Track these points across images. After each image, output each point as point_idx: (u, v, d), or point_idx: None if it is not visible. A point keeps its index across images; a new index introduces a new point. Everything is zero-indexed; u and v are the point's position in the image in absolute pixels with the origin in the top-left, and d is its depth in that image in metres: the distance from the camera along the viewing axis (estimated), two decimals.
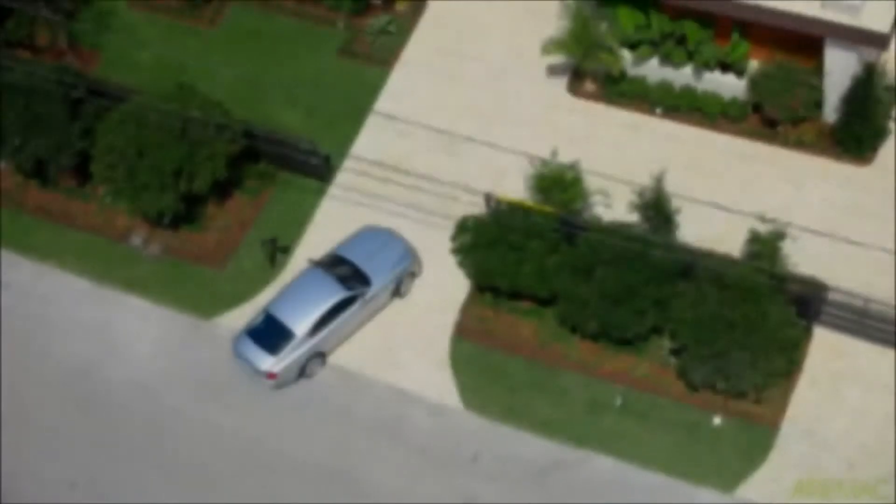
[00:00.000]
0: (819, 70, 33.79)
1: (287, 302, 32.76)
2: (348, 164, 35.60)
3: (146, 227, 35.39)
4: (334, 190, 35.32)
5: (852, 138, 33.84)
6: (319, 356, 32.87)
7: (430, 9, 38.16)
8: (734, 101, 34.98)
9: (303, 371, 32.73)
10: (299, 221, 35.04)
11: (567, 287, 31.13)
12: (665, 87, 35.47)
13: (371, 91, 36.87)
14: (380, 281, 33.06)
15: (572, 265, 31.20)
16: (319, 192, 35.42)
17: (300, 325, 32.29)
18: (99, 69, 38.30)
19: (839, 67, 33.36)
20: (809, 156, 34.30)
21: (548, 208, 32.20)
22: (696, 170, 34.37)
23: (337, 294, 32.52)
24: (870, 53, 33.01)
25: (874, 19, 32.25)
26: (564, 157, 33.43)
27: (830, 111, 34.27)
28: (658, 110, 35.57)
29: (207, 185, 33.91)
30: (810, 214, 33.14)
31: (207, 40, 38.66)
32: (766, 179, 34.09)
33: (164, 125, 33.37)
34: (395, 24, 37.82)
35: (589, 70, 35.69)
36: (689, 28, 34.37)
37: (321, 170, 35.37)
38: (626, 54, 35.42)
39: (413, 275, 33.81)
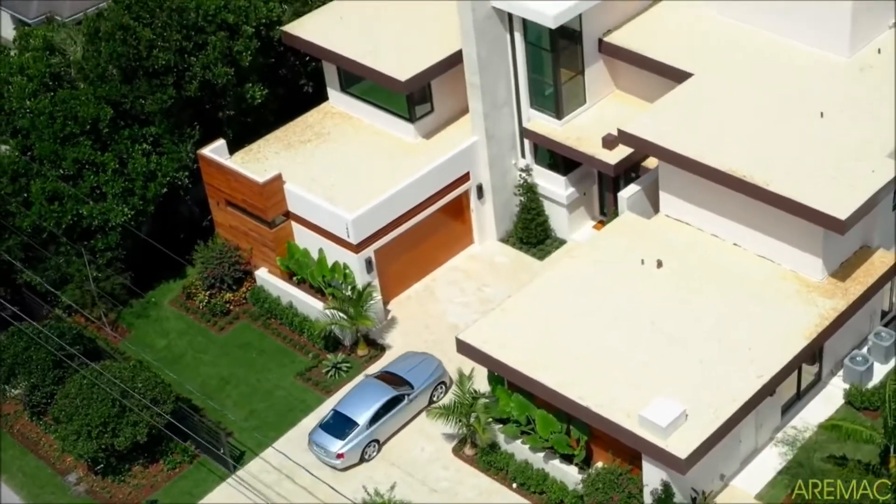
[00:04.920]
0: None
1: (350, 401, 41.73)
2: (255, 463, 41.81)
3: (84, 470, 42.57)
4: (231, 481, 41.46)
5: None
6: (375, 442, 41.20)
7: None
8: (574, 493, 38.68)
9: (363, 455, 40.82)
10: (193, 497, 41.26)
11: None
12: (524, 466, 39.71)
13: (305, 411, 43.35)
14: (419, 386, 42.12)
15: None
16: (221, 479, 41.62)
17: (361, 416, 41.15)
18: (122, 343, 46.91)
19: (652, 482, 36.74)
20: None
21: None
22: None
23: (388, 393, 41.63)
24: (673, 476, 36.34)
25: (679, 444, 35.74)
26: (414, 499, 38.44)
27: None
28: (515, 484, 39.76)
29: (127, 444, 40.80)
30: None
31: (211, 342, 46.58)
32: None
33: (108, 390, 40.95)
34: (349, 363, 44.41)
35: (469, 437, 40.61)
36: (546, 419, 38.88)
37: (228, 463, 41.68)
38: (498, 430, 40.12)
39: (444, 385, 42.69)
